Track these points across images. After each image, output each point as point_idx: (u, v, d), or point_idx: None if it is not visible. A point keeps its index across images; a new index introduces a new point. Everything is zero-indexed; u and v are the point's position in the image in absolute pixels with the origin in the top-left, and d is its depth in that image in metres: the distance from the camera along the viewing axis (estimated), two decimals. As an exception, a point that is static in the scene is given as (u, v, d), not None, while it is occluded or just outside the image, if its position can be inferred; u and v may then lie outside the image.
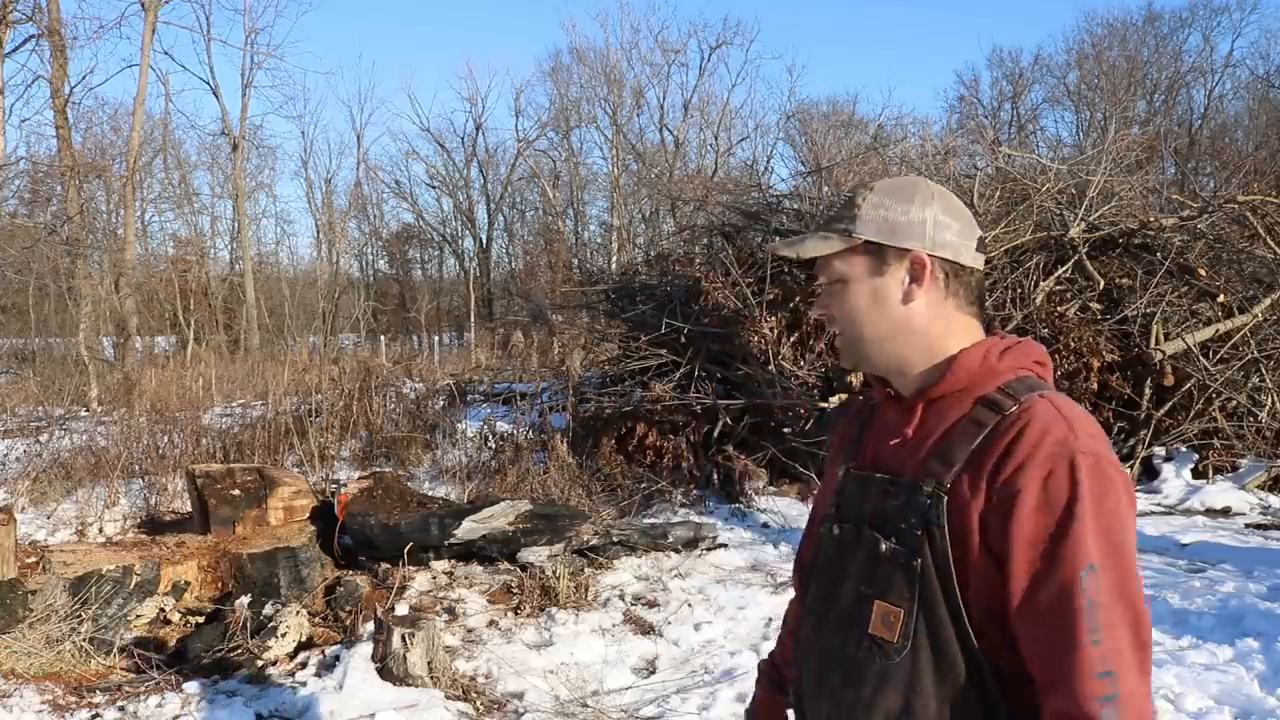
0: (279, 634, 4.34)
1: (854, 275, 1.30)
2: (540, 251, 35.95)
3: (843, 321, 1.32)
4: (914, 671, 1.20)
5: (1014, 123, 34.06)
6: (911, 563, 1.20)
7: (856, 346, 1.32)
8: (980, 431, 1.20)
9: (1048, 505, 1.13)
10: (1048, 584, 1.12)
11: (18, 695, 3.81)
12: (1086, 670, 1.10)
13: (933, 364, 1.29)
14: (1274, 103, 29.72)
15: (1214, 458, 7.57)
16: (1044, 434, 1.16)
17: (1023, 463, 1.15)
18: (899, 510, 1.24)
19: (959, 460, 1.20)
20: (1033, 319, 7.44)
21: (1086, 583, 1.11)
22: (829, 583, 1.35)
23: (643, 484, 7.28)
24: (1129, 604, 1.12)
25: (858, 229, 1.29)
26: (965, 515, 1.18)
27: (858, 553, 1.29)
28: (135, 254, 23.24)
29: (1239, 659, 4.06)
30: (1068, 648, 1.11)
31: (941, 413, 1.27)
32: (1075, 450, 1.14)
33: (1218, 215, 8.25)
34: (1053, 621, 1.12)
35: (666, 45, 34.45)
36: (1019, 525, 1.13)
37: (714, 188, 12.69)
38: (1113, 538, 1.13)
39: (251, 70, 28.77)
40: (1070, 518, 1.12)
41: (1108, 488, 1.14)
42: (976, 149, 11.23)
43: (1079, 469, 1.13)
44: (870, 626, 1.24)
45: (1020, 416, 1.19)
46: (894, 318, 1.29)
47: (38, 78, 19.78)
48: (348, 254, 37.61)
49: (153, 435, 8.40)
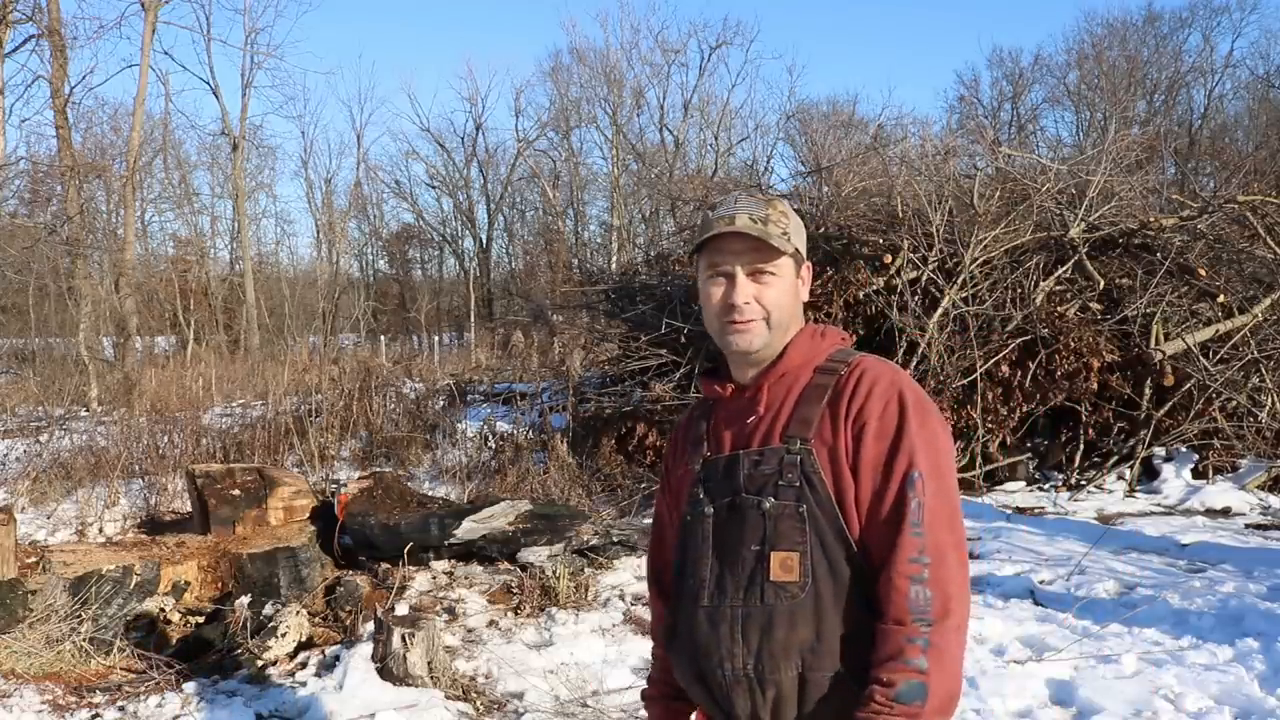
0: (279, 634, 4.34)
1: (785, 274, 1.52)
2: (540, 251, 35.96)
3: (769, 307, 1.51)
4: (818, 601, 1.40)
5: (1014, 123, 34.06)
6: (799, 509, 1.42)
7: (774, 330, 1.52)
8: (826, 389, 1.48)
9: (884, 430, 1.41)
10: (885, 489, 1.39)
11: (18, 695, 3.81)
12: (905, 554, 1.35)
13: (777, 351, 1.54)
14: (1274, 103, 29.71)
15: (1214, 458, 7.57)
16: (877, 378, 1.45)
17: (865, 398, 1.43)
18: (775, 472, 1.45)
19: (815, 416, 1.46)
20: (1033, 319, 7.44)
21: (912, 487, 1.38)
22: (716, 555, 1.50)
23: (643, 484, 7.28)
24: (948, 504, 1.39)
25: (793, 237, 1.52)
26: (836, 456, 1.43)
27: (741, 519, 1.47)
28: (135, 254, 23.23)
29: (1239, 659, 4.06)
30: (894, 537, 1.37)
31: (785, 387, 1.52)
32: (902, 387, 1.44)
33: (1218, 215, 8.24)
34: (888, 518, 1.38)
35: (666, 45, 34.45)
36: (865, 448, 1.41)
37: (714, 188, 12.69)
38: (935, 452, 1.41)
39: (251, 70, 28.79)
40: (901, 436, 1.40)
41: (929, 414, 1.44)
42: (976, 149, 11.24)
43: (906, 400, 1.43)
44: (771, 575, 1.42)
45: (855, 369, 1.48)
46: (795, 312, 1.55)
47: (38, 78, 19.80)
48: (348, 254, 37.66)
49: (153, 435, 8.41)
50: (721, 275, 1.51)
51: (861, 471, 1.41)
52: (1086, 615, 4.64)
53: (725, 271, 1.51)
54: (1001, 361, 7.34)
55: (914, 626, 1.33)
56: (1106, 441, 7.75)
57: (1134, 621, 4.51)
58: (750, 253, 1.49)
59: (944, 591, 1.34)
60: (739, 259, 1.49)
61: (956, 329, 7.59)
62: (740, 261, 1.49)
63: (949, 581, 1.35)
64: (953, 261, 7.75)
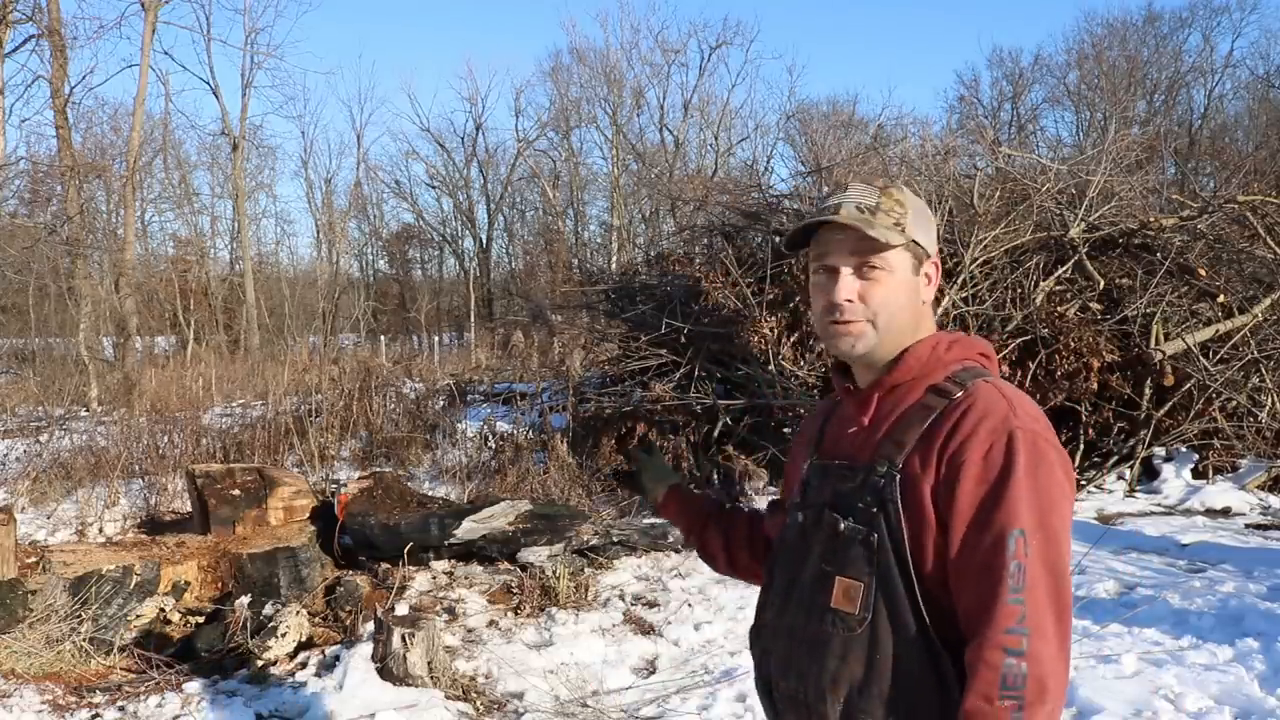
0: (279, 634, 4.34)
1: (899, 268, 1.36)
2: (540, 251, 35.93)
3: (876, 308, 1.36)
4: (874, 640, 1.28)
5: (1014, 123, 34.04)
6: (869, 538, 1.29)
7: (883, 333, 1.37)
8: (930, 415, 1.31)
9: (986, 476, 1.23)
10: (979, 545, 1.22)
11: (18, 695, 3.81)
12: (1000, 624, 1.19)
13: (891, 356, 1.38)
14: (1274, 103, 29.70)
15: (1214, 458, 7.57)
16: (986, 413, 1.27)
17: (966, 438, 1.25)
18: (856, 490, 1.33)
19: (910, 442, 1.30)
20: (1033, 319, 7.44)
21: (1014, 546, 1.20)
22: (792, 566, 1.42)
23: (643, 484, 7.27)
24: (1052, 570, 1.21)
25: (909, 228, 1.36)
26: (918, 491, 1.27)
27: (820, 534, 1.37)
28: (135, 254, 23.22)
29: (1239, 659, 4.06)
30: (989, 603, 1.20)
31: (895, 401, 1.37)
32: (1014, 427, 1.25)
33: (1218, 215, 8.24)
34: (980, 579, 1.21)
35: (666, 45, 34.44)
36: (961, 495, 1.24)
37: (714, 188, 12.68)
38: (1043, 508, 1.22)
39: (251, 70, 28.77)
40: (1004, 486, 1.22)
41: (1041, 462, 1.24)
42: (976, 149, 11.22)
43: (1016, 443, 1.23)
44: (833, 601, 1.32)
45: (965, 399, 1.30)
46: (916, 311, 1.39)
47: (38, 78, 19.80)
48: (348, 254, 37.64)
49: (153, 435, 8.40)
50: (825, 270, 1.38)
51: (955, 518, 1.24)
52: (1086, 615, 4.64)
53: (829, 265, 1.37)
54: (1001, 362, 7.33)
55: (1003, 708, 1.18)
56: (1106, 441, 7.75)
57: (1134, 621, 4.51)
58: (855, 245, 1.35)
59: (1040, 670, 1.18)
60: (843, 252, 1.35)
61: (956, 329, 7.58)
62: (844, 255, 1.35)
63: (1048, 658, 1.19)
64: (952, 261, 7.75)
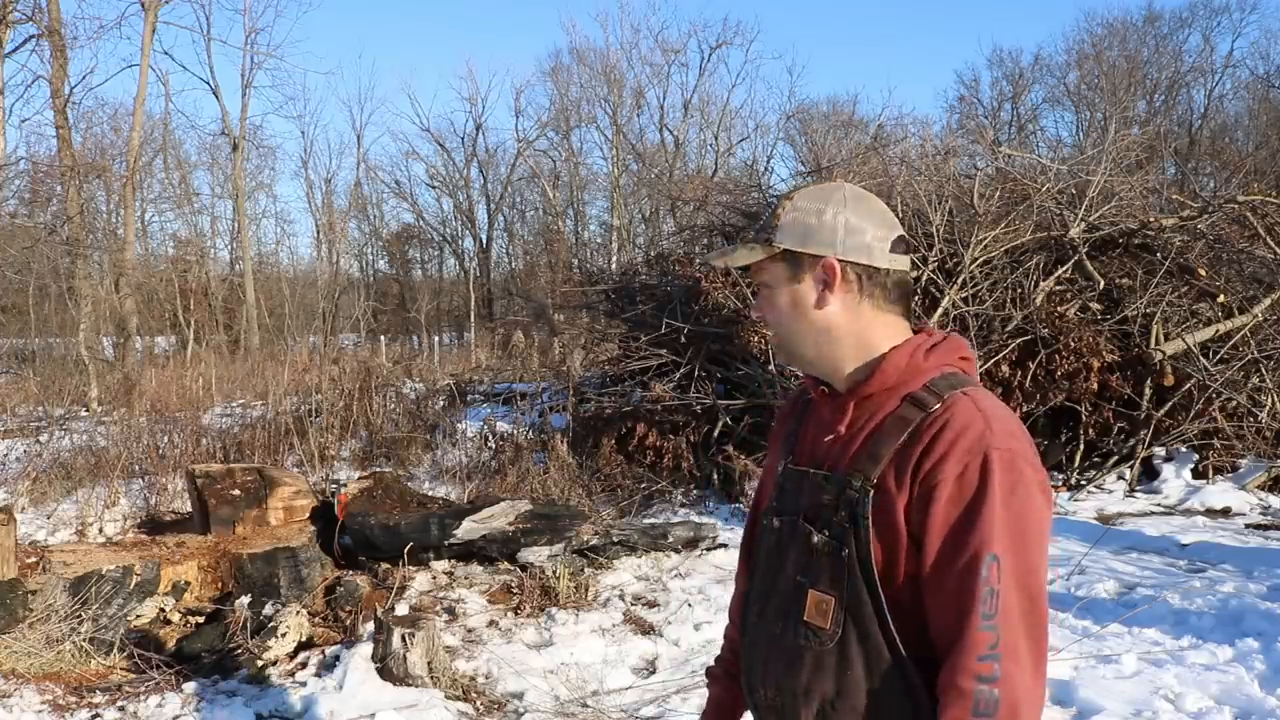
0: (279, 634, 4.34)
1: (775, 281, 1.36)
2: (540, 251, 35.95)
3: (773, 324, 1.38)
4: (844, 657, 1.26)
5: (1014, 123, 34.05)
6: (840, 553, 1.27)
7: (786, 348, 1.39)
8: (905, 429, 1.26)
9: (960, 497, 1.19)
10: (952, 568, 1.19)
11: (18, 695, 3.81)
12: (973, 650, 1.16)
13: (862, 362, 1.34)
14: (1274, 103, 29.70)
15: (1214, 458, 7.57)
16: (962, 430, 1.21)
17: (941, 458, 1.21)
18: (831, 504, 1.30)
19: (885, 457, 1.26)
20: (1033, 319, 7.44)
21: (986, 571, 1.17)
22: (770, 573, 1.40)
23: (643, 484, 7.28)
24: (1027, 593, 1.18)
25: (776, 237, 1.34)
26: (892, 509, 1.23)
27: (794, 544, 1.35)
28: (135, 254, 23.23)
29: (1239, 659, 4.06)
30: (961, 628, 1.17)
31: (872, 409, 1.32)
32: (990, 446, 1.20)
33: (1218, 215, 8.24)
34: (953, 603, 1.18)
35: (666, 45, 34.38)
36: (934, 515, 1.20)
37: (714, 188, 12.69)
38: (1018, 531, 1.18)
39: (251, 70, 28.75)
40: (978, 509, 1.18)
41: (1019, 482, 1.19)
42: (976, 149, 11.23)
43: (991, 464, 1.19)
44: (806, 614, 1.30)
45: (942, 414, 1.25)
46: (812, 321, 1.34)
47: (38, 78, 19.83)
48: (348, 254, 37.65)
49: (153, 435, 8.41)
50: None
51: (928, 538, 1.21)
52: (1086, 615, 4.64)
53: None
54: (1001, 362, 7.33)
55: None
56: (1106, 441, 7.75)
57: (1134, 621, 4.51)
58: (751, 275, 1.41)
59: (1014, 695, 1.15)
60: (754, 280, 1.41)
61: (956, 329, 7.59)
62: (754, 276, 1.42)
63: (1020, 683, 1.16)
64: (953, 261, 7.75)
